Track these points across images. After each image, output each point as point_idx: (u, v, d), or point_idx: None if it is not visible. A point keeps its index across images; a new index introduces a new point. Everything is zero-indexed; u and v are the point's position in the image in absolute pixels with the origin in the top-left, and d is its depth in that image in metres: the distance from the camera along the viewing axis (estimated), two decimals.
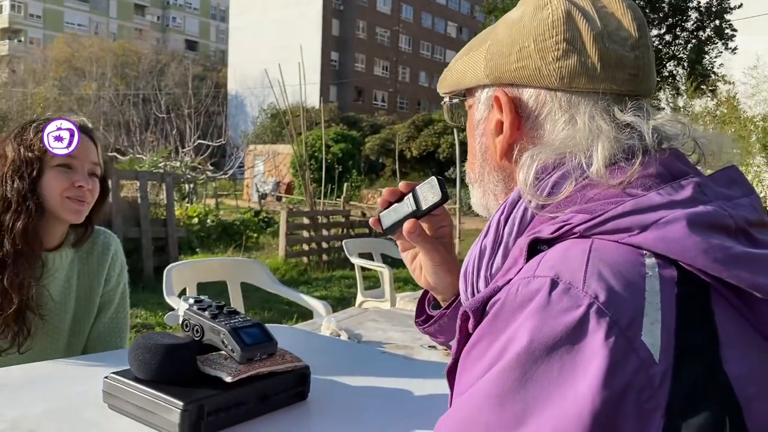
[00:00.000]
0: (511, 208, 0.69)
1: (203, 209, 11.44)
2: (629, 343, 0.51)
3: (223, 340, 1.05)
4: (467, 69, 0.78)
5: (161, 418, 0.96)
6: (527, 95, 0.71)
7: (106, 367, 1.25)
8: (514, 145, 0.72)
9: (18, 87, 41.21)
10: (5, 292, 1.38)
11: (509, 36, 0.72)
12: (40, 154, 1.44)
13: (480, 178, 0.79)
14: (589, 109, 0.68)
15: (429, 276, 0.96)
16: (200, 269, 2.65)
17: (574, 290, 0.54)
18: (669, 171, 0.63)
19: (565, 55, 0.68)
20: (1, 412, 1.01)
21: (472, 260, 0.72)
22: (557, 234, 0.61)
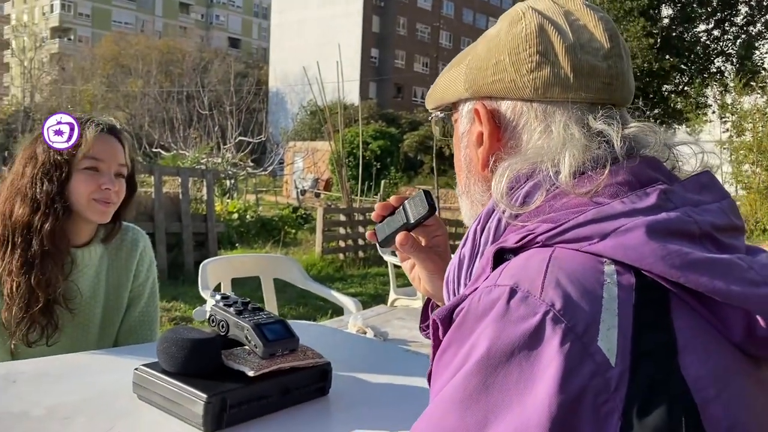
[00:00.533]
0: (486, 219, 0.72)
1: (243, 205, 11.62)
2: (585, 348, 0.53)
3: (247, 336, 1.09)
4: (449, 84, 0.80)
5: (186, 409, 1.01)
6: (504, 107, 0.74)
7: (136, 358, 1.30)
8: (492, 156, 0.74)
9: (67, 84, 42.47)
10: (32, 291, 1.44)
11: (487, 51, 0.75)
12: (68, 157, 1.48)
13: (467, 190, 0.82)
14: (563, 119, 0.69)
15: (426, 284, 1.01)
16: (235, 265, 2.71)
17: (532, 298, 0.56)
18: (637, 179, 0.64)
19: (538, 67, 0.70)
20: (39, 399, 1.07)
21: (452, 269, 0.75)
22: (521, 243, 0.63)
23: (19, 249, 1.44)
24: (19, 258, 1.43)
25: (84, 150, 1.48)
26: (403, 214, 0.97)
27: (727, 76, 21.22)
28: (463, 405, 0.55)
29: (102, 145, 1.52)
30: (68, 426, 0.98)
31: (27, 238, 1.45)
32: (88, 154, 1.49)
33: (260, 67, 50.60)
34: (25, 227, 1.45)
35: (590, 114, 0.69)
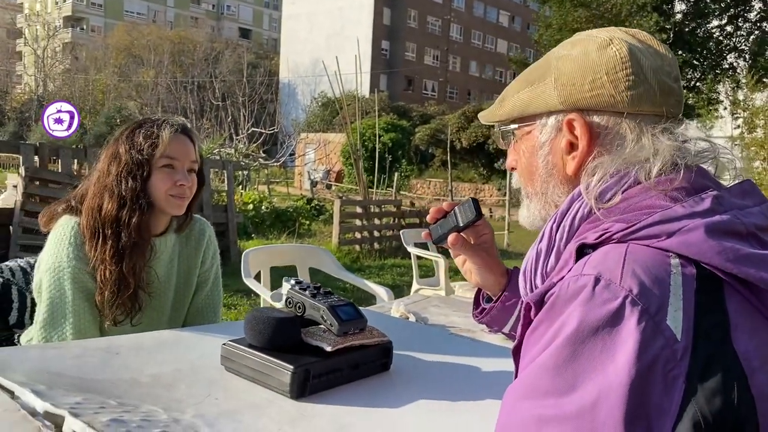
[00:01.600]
0: (562, 218, 0.85)
1: (258, 196, 11.77)
2: (657, 326, 0.65)
3: (323, 316, 1.23)
4: (534, 99, 0.91)
5: (274, 378, 1.15)
6: (600, 118, 0.86)
7: (212, 336, 1.45)
8: (585, 161, 0.87)
9: (80, 73, 42.68)
10: (123, 278, 1.60)
11: (579, 69, 0.87)
12: (148, 157, 1.62)
13: (543, 192, 0.94)
14: (652, 130, 0.83)
15: (476, 276, 1.21)
16: (273, 254, 2.86)
17: (613, 285, 0.68)
18: (692, 186, 0.78)
19: (634, 85, 0.84)
20: (142, 369, 1.21)
21: (530, 262, 0.88)
22: (599, 240, 0.75)
23: (111, 240, 1.59)
24: (111, 248, 1.58)
25: (161, 150, 1.62)
26: (454, 218, 1.16)
27: (740, 72, 21.16)
28: (555, 371, 0.68)
29: (176, 145, 1.65)
30: (173, 391, 1.13)
31: (117, 231, 1.60)
32: (164, 153, 1.63)
33: (271, 58, 50.68)
34: (114, 221, 1.60)
35: (672, 126, 0.84)
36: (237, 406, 1.08)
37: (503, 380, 1.35)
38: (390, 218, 9.75)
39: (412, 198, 16.97)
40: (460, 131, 26.13)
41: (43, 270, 1.58)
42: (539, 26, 23.74)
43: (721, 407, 0.64)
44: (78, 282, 1.57)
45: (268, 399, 1.12)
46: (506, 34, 53.92)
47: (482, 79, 52.69)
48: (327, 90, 23.04)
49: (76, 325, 1.55)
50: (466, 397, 1.22)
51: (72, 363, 1.22)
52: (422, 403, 1.17)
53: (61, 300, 1.56)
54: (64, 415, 0.95)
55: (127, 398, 1.06)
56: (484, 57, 52.39)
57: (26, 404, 1.00)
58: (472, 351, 1.57)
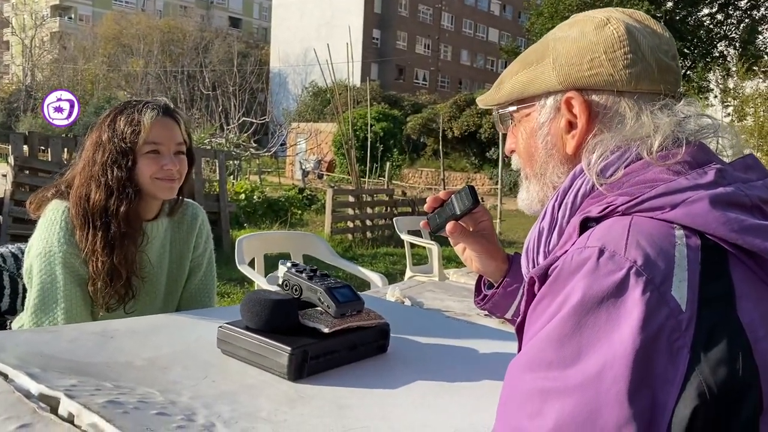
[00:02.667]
0: (563, 195, 0.85)
1: (250, 186, 11.73)
2: (662, 296, 0.66)
3: (320, 298, 1.23)
4: (533, 80, 0.92)
5: (271, 360, 1.14)
6: (598, 97, 0.86)
7: (206, 320, 1.45)
8: (585, 139, 0.87)
9: (69, 63, 42.32)
10: (115, 268, 1.58)
11: (577, 49, 0.87)
12: (132, 145, 1.59)
13: (542, 173, 0.94)
14: (650, 107, 0.83)
15: (476, 263, 1.20)
16: (267, 241, 2.85)
17: (618, 256, 0.68)
18: (695, 160, 0.78)
19: (632, 63, 0.84)
20: (137, 352, 1.20)
21: (532, 240, 0.88)
22: (603, 213, 0.76)
23: (100, 231, 1.57)
24: (101, 240, 1.56)
25: (144, 136, 1.59)
26: (451, 207, 1.15)
27: (730, 60, 21.26)
28: (560, 342, 0.68)
29: (159, 129, 1.61)
30: (168, 374, 1.12)
31: (105, 221, 1.58)
32: (147, 139, 1.59)
33: (261, 47, 50.40)
34: (102, 211, 1.58)
35: (671, 103, 0.84)
36: (234, 388, 1.08)
37: (500, 362, 1.36)
38: (382, 207, 9.75)
39: (404, 187, 16.97)
40: (452, 120, 26.13)
41: (34, 255, 1.56)
42: (530, 14, 23.73)
43: (726, 377, 0.64)
44: (69, 266, 1.56)
45: (266, 381, 1.12)
46: (498, 23, 53.82)
47: (474, 68, 52.62)
48: (318, 79, 22.97)
49: (67, 310, 1.53)
50: (463, 379, 1.22)
51: (66, 346, 1.21)
52: (419, 384, 1.17)
53: (52, 285, 1.54)
54: (59, 398, 0.94)
55: (122, 381, 1.05)
56: (476, 46, 52.29)
57: (21, 387, 0.98)
58: (468, 334, 1.57)
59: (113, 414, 0.90)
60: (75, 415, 0.90)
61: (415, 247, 4.89)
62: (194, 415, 0.95)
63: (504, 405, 0.74)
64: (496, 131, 12.50)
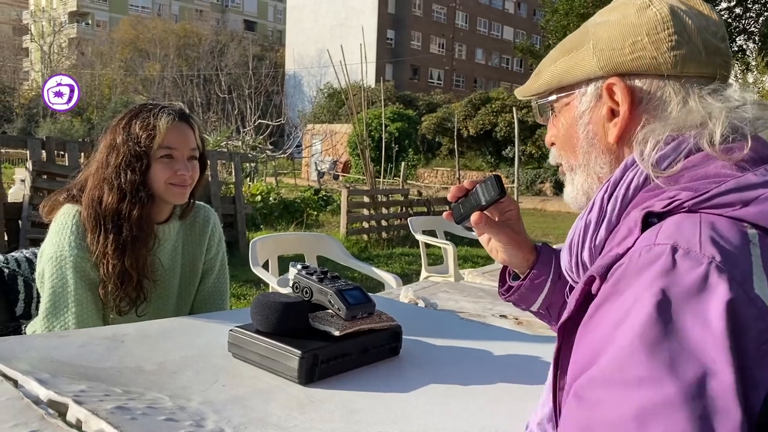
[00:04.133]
0: (614, 187, 0.79)
1: (266, 187, 11.77)
2: (747, 294, 0.60)
3: (330, 300, 1.21)
4: (572, 67, 0.87)
5: (281, 364, 1.13)
6: (642, 82, 0.82)
7: (218, 323, 1.44)
8: (629, 127, 0.82)
9: (86, 68, 42.80)
10: (126, 271, 1.58)
11: (618, 33, 0.83)
12: (146, 149, 1.59)
13: (585, 163, 0.89)
14: (699, 92, 0.79)
15: (502, 254, 1.14)
16: (281, 243, 2.84)
17: (694, 253, 0.62)
18: (758, 154, 0.74)
19: (677, 45, 0.79)
20: (148, 356, 1.20)
21: (577, 233, 0.83)
22: (668, 209, 0.70)
23: (112, 234, 1.56)
24: (113, 242, 1.56)
25: (159, 141, 1.58)
26: (477, 197, 1.10)
27: (749, 54, 20.94)
28: (649, 350, 0.60)
29: (175, 134, 1.61)
30: (178, 378, 1.11)
31: (117, 224, 1.57)
32: (162, 144, 1.59)
33: (276, 49, 50.61)
34: (115, 214, 1.58)
35: (722, 88, 0.79)
36: (244, 393, 1.07)
37: (515, 364, 1.34)
38: (397, 207, 9.73)
39: (419, 187, 16.92)
40: (467, 119, 26.03)
41: (45, 259, 1.56)
42: (545, 12, 23.54)
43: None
44: (80, 271, 1.55)
45: (276, 385, 1.11)
46: (512, 21, 53.54)
47: (488, 67, 52.40)
48: (333, 81, 23.02)
49: (78, 314, 1.53)
50: (476, 382, 1.20)
51: (77, 351, 1.21)
52: (432, 387, 1.15)
53: (63, 289, 1.54)
54: (67, 403, 0.93)
55: (132, 386, 1.05)
56: (490, 44, 52.06)
57: (30, 393, 0.98)
58: (482, 335, 1.55)
59: (121, 420, 0.89)
60: (83, 421, 0.90)
61: (430, 247, 4.86)
62: (203, 420, 0.94)
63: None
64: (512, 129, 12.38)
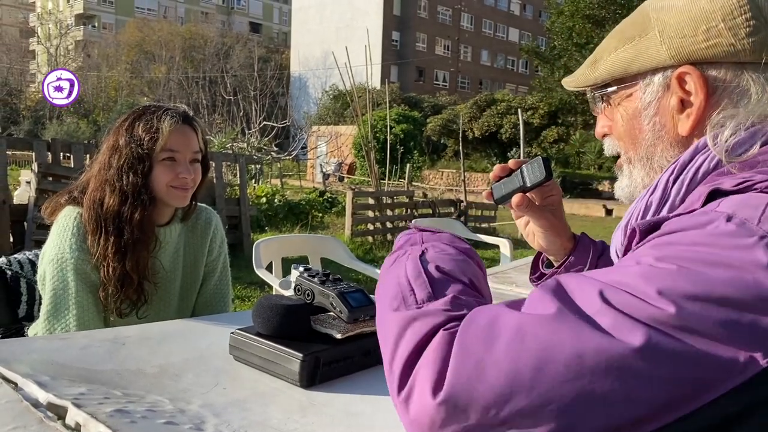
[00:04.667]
0: (681, 170, 0.77)
1: (271, 189, 11.78)
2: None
3: (332, 303, 1.20)
4: (637, 56, 0.83)
5: (283, 367, 1.12)
6: (717, 71, 0.78)
7: (220, 325, 1.43)
8: (702, 119, 0.79)
9: (93, 71, 42.98)
10: (127, 274, 1.57)
11: (689, 19, 0.79)
12: (149, 152, 1.58)
13: (648, 156, 0.86)
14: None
15: (540, 239, 1.11)
16: (285, 244, 2.84)
17: (749, 224, 0.59)
18: None
19: (756, 31, 0.76)
20: (149, 359, 1.19)
21: (635, 214, 0.80)
22: (739, 188, 0.66)
23: (113, 236, 1.56)
24: (113, 245, 1.56)
25: (161, 143, 1.58)
26: (521, 178, 1.05)
27: None
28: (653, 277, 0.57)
29: (177, 137, 1.60)
30: (179, 381, 1.10)
31: (119, 227, 1.57)
32: (165, 147, 1.59)
33: (281, 51, 50.73)
34: (116, 216, 1.57)
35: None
36: (245, 396, 1.06)
37: None
38: (403, 209, 9.72)
39: (424, 189, 16.91)
40: (472, 121, 26.03)
41: (47, 261, 1.56)
42: (551, 13, 23.53)
43: None
44: (81, 273, 1.55)
45: (278, 388, 1.10)
46: (518, 23, 53.52)
47: (494, 69, 52.38)
48: (338, 82, 23.06)
49: (79, 316, 1.53)
50: None
51: (77, 354, 1.20)
52: None
53: (64, 291, 1.54)
54: (67, 406, 0.92)
55: (132, 389, 1.04)
56: (496, 46, 52.04)
57: (29, 395, 0.97)
58: None
59: (120, 424, 0.88)
60: (82, 424, 0.89)
61: None
62: (203, 423, 0.93)
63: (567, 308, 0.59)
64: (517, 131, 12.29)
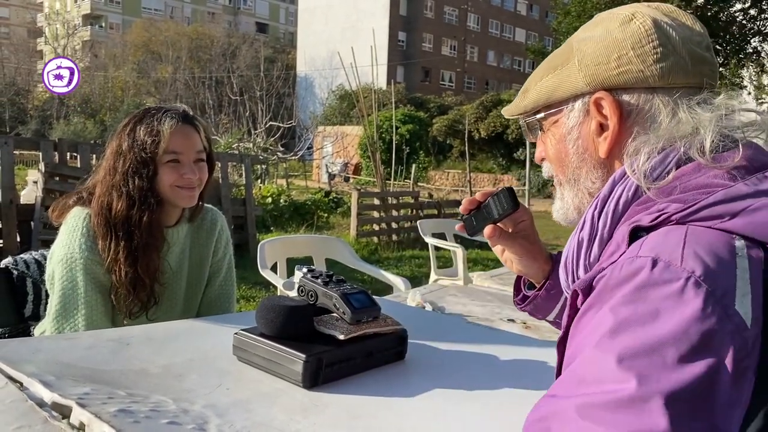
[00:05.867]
0: (603, 203, 0.80)
1: (276, 189, 11.80)
2: (725, 310, 0.59)
3: (335, 304, 1.21)
4: (560, 84, 0.88)
5: (286, 368, 1.13)
6: (630, 96, 0.82)
7: (224, 326, 1.44)
8: (619, 141, 0.82)
9: (100, 71, 43.13)
10: (140, 278, 1.59)
11: (603, 48, 0.83)
12: (152, 155, 1.58)
13: (575, 179, 0.89)
14: (687, 102, 0.78)
15: (517, 265, 1.14)
16: (289, 245, 2.84)
17: (674, 266, 0.62)
18: (751, 163, 0.72)
19: (663, 58, 0.79)
20: (153, 359, 1.20)
21: (571, 252, 0.83)
22: (655, 222, 0.70)
23: (123, 241, 1.57)
24: (124, 249, 1.57)
25: (164, 146, 1.58)
26: (489, 210, 1.10)
27: (764, 56, 20.76)
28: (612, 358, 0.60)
29: (179, 138, 1.60)
30: (183, 381, 1.11)
31: (128, 231, 1.58)
32: (167, 149, 1.58)
33: (288, 51, 50.77)
34: (125, 221, 1.58)
35: (711, 97, 0.78)
36: (248, 396, 1.06)
37: (521, 369, 1.33)
38: (408, 210, 9.72)
39: (430, 189, 16.90)
40: (478, 121, 25.99)
41: (56, 261, 1.57)
42: (558, 14, 23.46)
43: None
44: (90, 273, 1.56)
45: (280, 389, 1.10)
46: (524, 23, 53.41)
47: (500, 69, 52.30)
48: (344, 83, 23.10)
49: (88, 316, 1.54)
50: (482, 386, 1.19)
51: (83, 354, 1.21)
52: (438, 392, 1.14)
53: (73, 291, 1.55)
54: (71, 406, 0.93)
55: (136, 389, 1.05)
56: (502, 46, 51.95)
57: (34, 395, 0.98)
58: (489, 339, 1.54)
59: (124, 423, 0.89)
60: (86, 424, 0.90)
61: (440, 250, 4.84)
62: (206, 424, 0.94)
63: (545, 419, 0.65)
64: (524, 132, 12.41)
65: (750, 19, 21.73)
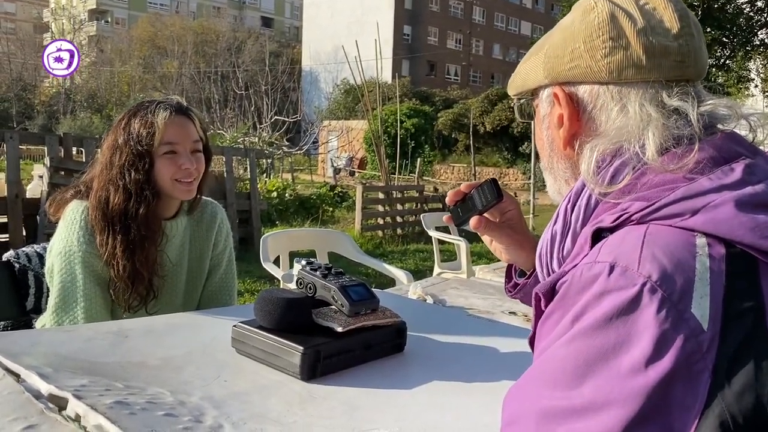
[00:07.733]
0: (576, 197, 0.79)
1: (282, 183, 11.81)
2: (680, 314, 0.59)
3: (333, 296, 1.21)
4: (529, 73, 0.88)
5: (284, 360, 1.12)
6: (582, 91, 0.81)
7: (225, 319, 1.43)
8: (575, 136, 0.82)
9: (105, 66, 43.20)
10: (138, 272, 1.59)
11: (562, 40, 0.82)
12: (148, 147, 1.58)
13: (550, 166, 0.90)
14: (638, 98, 0.76)
15: (505, 254, 1.15)
16: (293, 239, 2.85)
17: (630, 272, 0.62)
18: (721, 154, 0.70)
19: (612, 52, 0.77)
20: (152, 351, 1.20)
21: (545, 245, 0.83)
22: (617, 222, 0.69)
23: (120, 235, 1.57)
24: (122, 243, 1.56)
25: (159, 137, 1.57)
26: (473, 201, 1.11)
27: None
28: (569, 363, 0.63)
29: (174, 129, 1.60)
30: (181, 373, 1.11)
31: (126, 224, 1.58)
32: (163, 140, 1.58)
33: (293, 46, 50.70)
34: (122, 214, 1.58)
35: (665, 92, 0.75)
36: (246, 388, 1.06)
37: (521, 361, 1.31)
38: (412, 204, 9.72)
39: (435, 183, 16.89)
40: (484, 115, 25.91)
41: (55, 254, 1.57)
42: (563, 7, 23.35)
43: (754, 405, 0.57)
44: (89, 266, 1.56)
45: (278, 381, 1.10)
46: (530, 16, 53.17)
47: (506, 62, 52.07)
48: (349, 77, 23.05)
49: (87, 309, 1.54)
50: (481, 378, 1.19)
51: (81, 346, 1.21)
52: (436, 384, 1.14)
53: (72, 284, 1.55)
54: (67, 398, 0.93)
55: (134, 381, 1.05)
56: (508, 40, 51.74)
57: (31, 387, 0.99)
58: (489, 332, 1.53)
59: (119, 415, 0.89)
60: (82, 416, 0.90)
61: (445, 244, 4.84)
62: (203, 416, 0.94)
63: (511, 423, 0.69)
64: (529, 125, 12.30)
65: (757, 11, 21.56)
